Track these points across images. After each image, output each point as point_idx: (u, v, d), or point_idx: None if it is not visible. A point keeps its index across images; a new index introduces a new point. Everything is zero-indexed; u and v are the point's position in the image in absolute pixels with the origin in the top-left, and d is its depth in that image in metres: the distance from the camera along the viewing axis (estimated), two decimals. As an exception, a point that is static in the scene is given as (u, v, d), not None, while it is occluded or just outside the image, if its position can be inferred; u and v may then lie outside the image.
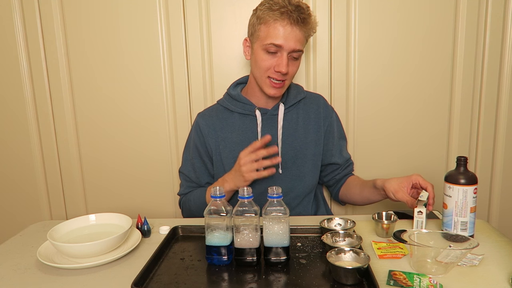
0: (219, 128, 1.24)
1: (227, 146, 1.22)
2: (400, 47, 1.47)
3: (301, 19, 1.05)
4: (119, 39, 1.50)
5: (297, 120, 1.24)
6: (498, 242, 0.96)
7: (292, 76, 1.16)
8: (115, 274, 0.86)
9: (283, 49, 1.08)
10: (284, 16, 1.05)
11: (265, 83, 1.15)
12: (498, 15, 1.44)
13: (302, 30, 1.08)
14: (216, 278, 0.83)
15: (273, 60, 1.10)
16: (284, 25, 1.06)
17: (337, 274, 0.78)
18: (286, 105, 1.23)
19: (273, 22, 1.07)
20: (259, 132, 1.20)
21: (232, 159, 1.19)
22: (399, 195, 1.04)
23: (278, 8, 1.05)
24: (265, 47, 1.09)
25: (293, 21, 1.05)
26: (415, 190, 1.06)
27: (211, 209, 0.86)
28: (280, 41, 1.07)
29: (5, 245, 1.03)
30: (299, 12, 1.05)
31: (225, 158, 1.22)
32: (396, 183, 1.06)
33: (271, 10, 1.07)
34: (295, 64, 1.13)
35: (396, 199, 1.06)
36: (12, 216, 1.67)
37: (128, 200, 1.62)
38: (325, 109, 1.29)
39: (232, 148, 1.21)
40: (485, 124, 1.53)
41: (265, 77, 1.13)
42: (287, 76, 1.13)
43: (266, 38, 1.08)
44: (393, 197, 1.06)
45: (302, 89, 1.30)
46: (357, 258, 0.81)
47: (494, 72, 1.49)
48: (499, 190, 1.58)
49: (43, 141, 1.59)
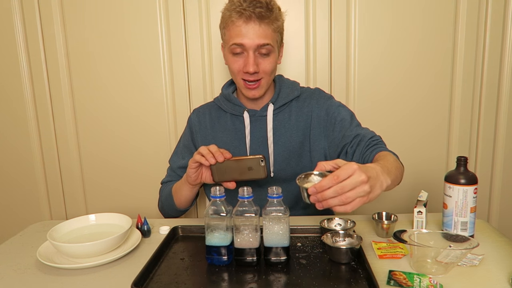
0: (210, 126, 1.23)
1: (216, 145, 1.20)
2: (400, 47, 1.47)
3: (256, 13, 1.03)
4: (119, 39, 1.50)
5: (289, 120, 1.19)
6: (498, 242, 0.96)
7: (269, 73, 1.10)
8: (115, 274, 0.86)
9: (247, 48, 1.06)
10: (239, 14, 1.04)
11: (241, 85, 1.13)
12: (498, 15, 1.44)
13: (262, 24, 1.04)
14: (216, 278, 0.82)
15: (241, 61, 1.08)
16: (240, 24, 1.04)
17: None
18: (276, 105, 1.18)
19: (231, 24, 1.06)
20: (247, 134, 1.18)
21: None
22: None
23: (234, 8, 1.05)
24: (230, 49, 1.08)
25: (248, 18, 1.03)
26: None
27: (211, 209, 0.86)
28: (240, 40, 1.05)
29: (5, 245, 1.03)
30: (254, 7, 1.03)
31: None
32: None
33: (228, 12, 1.06)
34: (266, 60, 1.09)
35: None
36: (12, 216, 1.67)
37: (128, 200, 1.63)
38: (319, 99, 1.20)
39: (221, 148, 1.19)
40: (485, 124, 1.53)
41: (239, 79, 1.11)
42: (261, 75, 1.09)
43: (229, 40, 1.08)
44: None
45: (297, 86, 1.23)
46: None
47: (494, 72, 1.49)
48: (499, 190, 1.58)
49: (43, 141, 1.60)
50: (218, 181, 0.99)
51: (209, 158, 0.96)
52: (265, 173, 0.97)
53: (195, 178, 1.04)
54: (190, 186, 1.09)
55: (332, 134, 1.16)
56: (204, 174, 1.04)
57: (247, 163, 0.97)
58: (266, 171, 0.97)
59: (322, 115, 1.18)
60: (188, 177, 1.05)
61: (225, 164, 0.97)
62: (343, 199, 0.72)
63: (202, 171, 1.04)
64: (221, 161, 0.96)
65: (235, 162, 0.97)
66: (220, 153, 0.96)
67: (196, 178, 1.04)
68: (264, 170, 0.97)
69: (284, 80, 1.24)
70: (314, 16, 1.45)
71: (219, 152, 0.97)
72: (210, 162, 0.96)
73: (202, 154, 0.97)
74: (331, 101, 1.20)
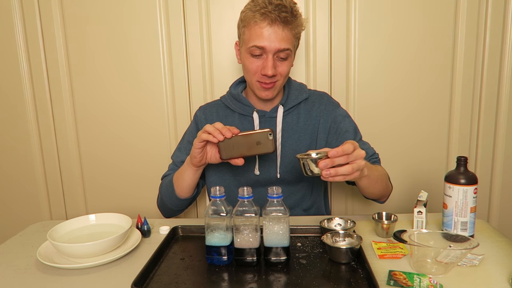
0: None
1: None
2: (400, 47, 1.47)
3: (281, 18, 1.02)
4: (119, 39, 1.50)
5: (297, 122, 1.20)
6: (498, 242, 0.96)
7: (284, 76, 1.12)
8: (115, 274, 0.86)
9: (267, 51, 1.05)
10: (264, 16, 1.03)
11: (255, 86, 1.13)
12: (498, 15, 1.44)
13: (286, 29, 1.04)
14: (216, 278, 0.82)
15: (259, 63, 1.08)
16: (264, 26, 1.03)
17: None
18: (286, 107, 1.19)
19: (254, 24, 1.05)
20: None
21: None
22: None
23: (258, 9, 1.03)
24: (249, 50, 1.07)
25: (273, 21, 1.03)
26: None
27: (211, 209, 0.86)
28: (262, 43, 1.04)
29: (5, 245, 1.03)
30: (280, 11, 1.02)
31: None
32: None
33: (252, 12, 1.05)
34: (284, 64, 1.09)
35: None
36: (12, 216, 1.67)
37: (128, 200, 1.63)
38: (328, 105, 1.23)
39: None
40: (485, 124, 1.53)
41: (255, 80, 1.11)
42: (277, 77, 1.10)
43: (249, 41, 1.07)
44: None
45: (305, 88, 1.25)
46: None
47: (494, 72, 1.49)
48: (499, 190, 1.58)
49: (43, 141, 1.60)
50: (225, 158, 0.98)
51: (216, 135, 0.94)
52: (273, 147, 0.96)
53: (200, 159, 1.03)
54: (194, 168, 1.08)
55: (335, 144, 1.18)
56: (209, 154, 1.03)
57: (255, 137, 0.96)
58: (274, 145, 0.97)
59: (329, 122, 1.20)
60: (193, 158, 1.04)
61: (233, 140, 0.95)
62: (349, 170, 0.83)
63: (206, 151, 1.03)
64: (229, 137, 0.94)
65: (243, 137, 0.96)
66: (227, 129, 0.95)
67: (201, 159, 1.03)
68: (272, 144, 0.96)
69: (292, 82, 1.25)
70: (314, 16, 1.45)
71: (226, 128, 0.95)
72: (218, 139, 0.94)
73: (208, 131, 0.95)
74: (338, 110, 1.23)
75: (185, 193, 1.15)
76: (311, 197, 1.24)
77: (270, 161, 1.18)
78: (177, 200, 1.17)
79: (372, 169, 1.02)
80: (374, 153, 1.21)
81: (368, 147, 1.20)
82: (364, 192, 1.11)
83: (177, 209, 1.21)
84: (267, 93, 1.13)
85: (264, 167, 1.18)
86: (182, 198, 1.16)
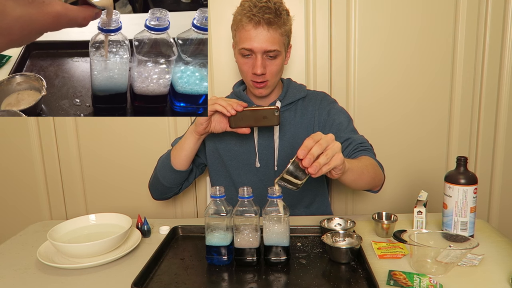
0: None
1: (223, 138, 1.23)
2: (400, 47, 1.47)
3: (265, 19, 1.06)
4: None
5: (294, 117, 1.24)
6: (498, 242, 0.96)
7: (275, 74, 1.15)
8: (115, 274, 0.86)
9: (255, 52, 1.10)
10: (249, 19, 1.08)
11: (249, 85, 1.19)
12: (498, 15, 1.44)
13: (270, 29, 1.08)
14: (216, 278, 0.83)
15: (250, 63, 1.13)
16: (249, 29, 1.08)
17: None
18: (283, 103, 1.23)
19: (241, 28, 1.10)
20: (255, 129, 1.22)
21: (228, 151, 1.23)
22: None
23: (245, 13, 1.08)
24: (240, 51, 1.13)
25: (257, 23, 1.07)
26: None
27: (211, 209, 0.86)
28: (249, 45, 1.09)
29: (5, 245, 1.03)
30: (263, 13, 1.06)
31: (222, 150, 1.24)
32: None
33: (240, 16, 1.10)
34: (273, 62, 1.13)
35: None
36: (12, 216, 1.67)
37: (128, 200, 1.62)
38: (324, 101, 1.26)
39: (228, 142, 1.23)
40: (485, 124, 1.53)
41: (248, 79, 1.17)
42: (267, 76, 1.14)
43: (239, 43, 1.12)
44: None
45: (304, 88, 1.29)
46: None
47: (494, 72, 1.49)
48: (499, 190, 1.58)
49: (43, 141, 1.59)
50: (234, 127, 1.07)
51: (229, 109, 1.03)
52: (278, 121, 1.05)
53: (205, 126, 1.08)
54: (197, 136, 1.12)
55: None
56: (213, 124, 1.09)
57: (262, 112, 1.06)
58: (279, 120, 1.05)
59: (323, 115, 1.24)
60: (198, 125, 1.08)
61: (242, 113, 1.05)
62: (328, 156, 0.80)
63: (211, 122, 1.09)
64: (240, 111, 1.04)
65: (252, 112, 1.06)
66: (238, 104, 1.04)
67: (206, 126, 1.08)
68: (277, 118, 1.05)
69: (292, 82, 1.30)
70: (314, 16, 1.45)
71: (237, 103, 1.04)
72: (231, 113, 1.03)
73: (222, 105, 1.03)
74: (333, 105, 1.27)
75: (181, 164, 1.18)
76: (311, 192, 1.28)
77: (269, 154, 1.22)
78: (171, 172, 1.19)
79: (353, 162, 1.00)
80: (364, 142, 1.18)
81: (359, 136, 1.19)
82: (353, 186, 1.09)
83: (168, 186, 1.23)
84: (260, 91, 1.18)
85: (263, 160, 1.23)
86: (176, 170, 1.19)
